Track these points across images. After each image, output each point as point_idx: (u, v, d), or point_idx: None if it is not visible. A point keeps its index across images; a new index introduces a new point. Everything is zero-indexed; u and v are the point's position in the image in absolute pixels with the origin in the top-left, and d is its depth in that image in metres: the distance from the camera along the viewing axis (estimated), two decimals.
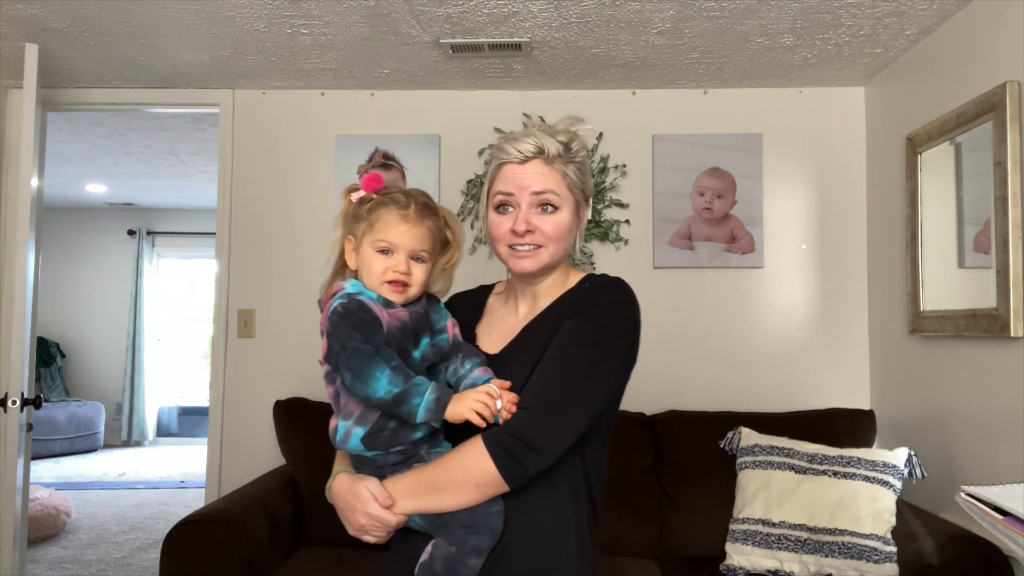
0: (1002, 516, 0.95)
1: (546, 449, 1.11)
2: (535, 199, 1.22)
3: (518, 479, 1.12)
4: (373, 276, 1.18)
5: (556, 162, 1.23)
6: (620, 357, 1.19)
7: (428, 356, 1.20)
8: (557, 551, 1.17)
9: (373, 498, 1.14)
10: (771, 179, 3.11)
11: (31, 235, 2.66)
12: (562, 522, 1.18)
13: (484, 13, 2.44)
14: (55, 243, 7.52)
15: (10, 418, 2.59)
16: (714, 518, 2.56)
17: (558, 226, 1.22)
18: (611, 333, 1.18)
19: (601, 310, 1.19)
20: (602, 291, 1.23)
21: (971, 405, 2.31)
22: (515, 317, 1.30)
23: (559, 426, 1.13)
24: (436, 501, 1.13)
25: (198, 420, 7.80)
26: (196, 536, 2.22)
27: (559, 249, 1.24)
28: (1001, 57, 2.16)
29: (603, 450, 1.26)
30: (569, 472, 1.19)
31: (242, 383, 3.19)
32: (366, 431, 1.15)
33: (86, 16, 2.52)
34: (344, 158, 3.20)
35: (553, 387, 1.14)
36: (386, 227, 1.18)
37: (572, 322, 1.19)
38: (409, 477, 1.15)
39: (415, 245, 1.19)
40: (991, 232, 2.14)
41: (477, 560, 1.13)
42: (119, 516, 4.88)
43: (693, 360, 3.09)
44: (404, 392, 1.09)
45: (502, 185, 1.24)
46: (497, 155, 1.26)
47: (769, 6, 2.37)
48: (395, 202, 1.19)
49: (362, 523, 1.16)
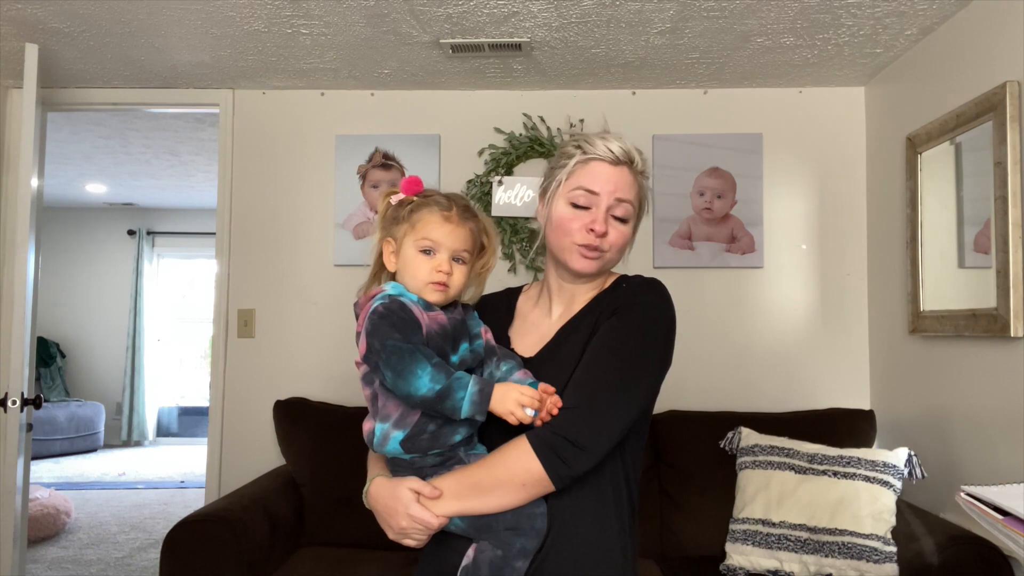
0: (1002, 516, 0.95)
1: (592, 448, 1.11)
2: (616, 205, 1.22)
3: (564, 479, 1.11)
4: (417, 276, 1.18)
5: (639, 175, 1.25)
6: (659, 356, 1.20)
7: (467, 361, 1.19)
8: (602, 551, 1.17)
9: (416, 498, 1.13)
10: (771, 179, 3.11)
11: (31, 235, 2.66)
12: (606, 522, 1.18)
13: (484, 13, 2.44)
14: (55, 243, 7.52)
15: (10, 418, 2.59)
16: (714, 518, 2.56)
17: (624, 236, 1.24)
18: (650, 333, 1.19)
19: (639, 310, 1.20)
20: (639, 292, 1.23)
21: (971, 405, 2.31)
22: (549, 319, 1.30)
23: (604, 425, 1.12)
24: (481, 502, 1.12)
25: (198, 420, 7.80)
26: (196, 536, 2.22)
27: (617, 258, 1.26)
28: (1001, 57, 2.16)
29: (640, 450, 1.26)
30: (611, 472, 1.19)
31: (242, 383, 3.19)
32: (405, 434, 1.14)
33: (86, 16, 2.52)
34: (344, 158, 3.20)
35: (596, 387, 1.13)
36: (429, 227, 1.18)
37: (611, 322, 1.19)
38: (451, 478, 1.14)
39: (457, 245, 1.19)
40: (991, 232, 2.14)
41: (523, 562, 1.13)
42: (119, 516, 4.88)
43: (693, 360, 3.09)
44: (447, 387, 1.08)
45: (587, 181, 1.22)
46: (586, 148, 1.24)
47: (769, 6, 2.37)
48: (437, 203, 1.19)
49: (403, 526, 1.14)
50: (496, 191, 3.10)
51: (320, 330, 3.14)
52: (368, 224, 3.18)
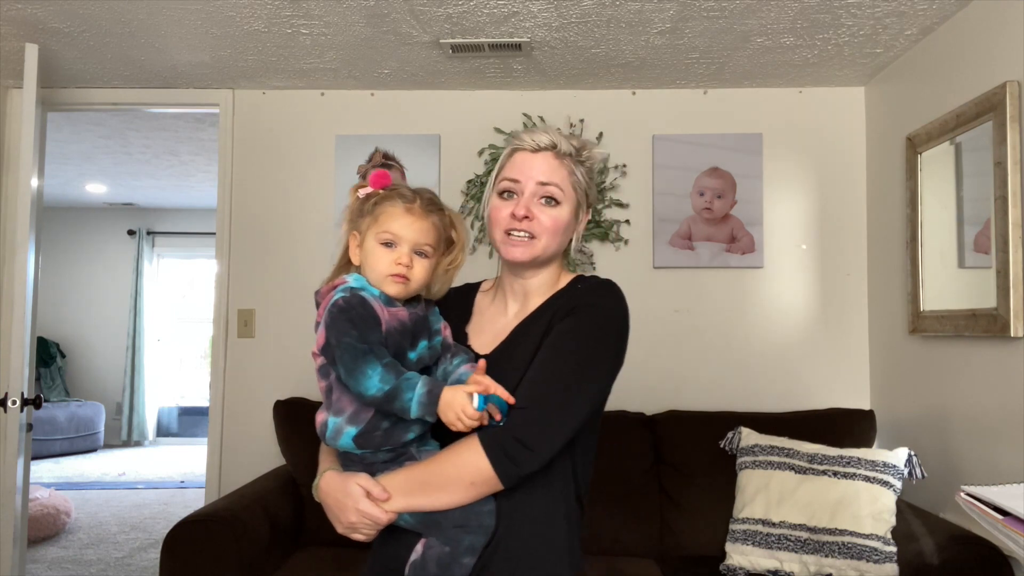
0: (1002, 516, 0.95)
1: (541, 448, 1.12)
2: (539, 189, 1.23)
3: (513, 478, 1.12)
4: (377, 268, 1.18)
5: (566, 159, 1.25)
6: (611, 359, 1.21)
7: (424, 359, 1.20)
8: (549, 548, 1.18)
9: (365, 494, 1.14)
10: (771, 179, 3.11)
11: (31, 235, 2.66)
12: (553, 519, 1.19)
13: (484, 13, 2.44)
14: (55, 243, 7.52)
15: (10, 418, 2.59)
16: (714, 518, 2.56)
17: (556, 220, 1.23)
18: (603, 335, 1.20)
19: (594, 312, 1.21)
20: (594, 293, 1.24)
21: (971, 405, 2.31)
22: (504, 316, 1.30)
23: (554, 426, 1.13)
24: (430, 499, 1.13)
25: (198, 420, 7.80)
26: (196, 536, 2.22)
27: (553, 243, 1.24)
28: (1001, 57, 2.16)
29: (590, 449, 1.28)
30: (560, 471, 1.20)
31: (242, 383, 3.19)
32: (359, 430, 1.15)
33: (86, 16, 2.52)
34: (344, 158, 3.20)
35: (548, 387, 1.14)
36: (390, 219, 1.18)
37: (565, 323, 1.19)
38: (402, 475, 1.15)
39: (419, 238, 1.19)
40: (991, 232, 2.14)
41: (471, 559, 1.14)
42: (119, 516, 4.88)
43: (693, 360, 3.09)
44: (395, 388, 1.09)
45: (510, 171, 1.26)
46: (512, 143, 1.28)
47: (769, 6, 2.37)
48: (401, 196, 1.20)
49: (352, 520, 1.16)
50: None
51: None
52: None
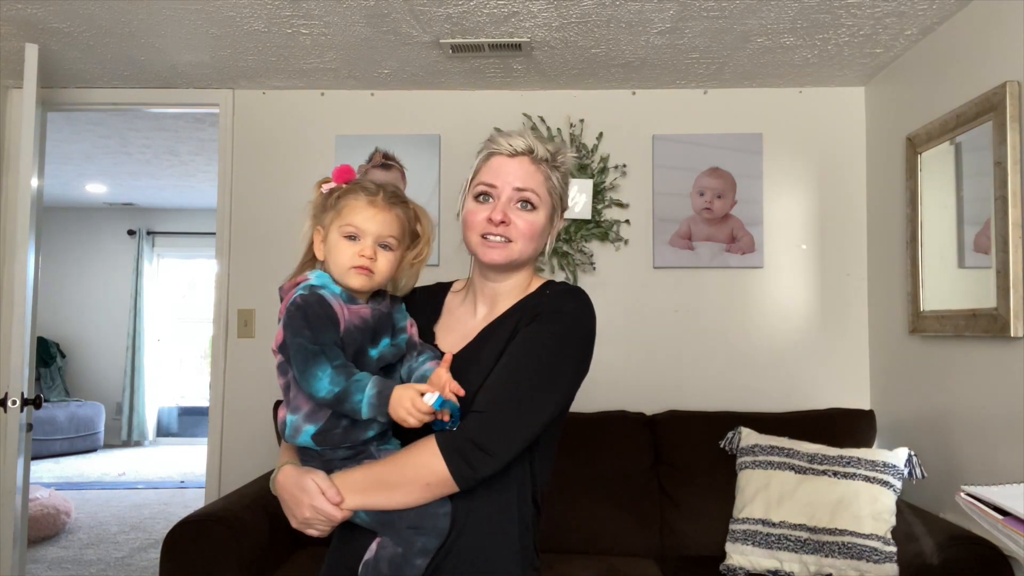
0: (1002, 516, 0.95)
1: (498, 453, 1.12)
2: (516, 194, 1.24)
3: (468, 481, 1.12)
4: (339, 262, 1.18)
5: (543, 164, 1.26)
6: (574, 366, 1.21)
7: (386, 356, 1.20)
8: (501, 551, 1.19)
9: (320, 492, 1.14)
10: (771, 179, 3.11)
11: (31, 235, 2.66)
12: (507, 524, 1.20)
13: (484, 13, 2.44)
14: (55, 243, 7.52)
15: (10, 418, 2.59)
16: (714, 518, 2.56)
17: (532, 225, 1.24)
18: (567, 342, 1.20)
19: (559, 319, 1.21)
20: (561, 300, 1.24)
21: (971, 405, 2.31)
22: (473, 318, 1.31)
23: (512, 431, 1.14)
24: (385, 498, 1.14)
25: (198, 420, 7.80)
26: (196, 536, 2.22)
27: (528, 248, 1.25)
28: (1001, 57, 2.16)
29: (550, 454, 1.28)
30: (517, 475, 1.21)
31: (242, 383, 3.19)
32: (317, 428, 1.15)
33: (86, 16, 2.52)
34: (344, 158, 3.19)
35: (508, 392, 1.15)
36: (353, 212, 1.18)
37: (530, 329, 1.20)
38: (359, 473, 1.15)
39: (382, 231, 1.19)
40: (991, 232, 2.14)
41: (423, 560, 1.14)
42: (119, 516, 4.88)
43: (693, 360, 3.09)
44: (345, 390, 1.09)
45: (486, 175, 1.26)
46: (487, 146, 1.29)
47: (769, 6, 2.37)
48: (364, 189, 1.20)
49: (307, 516, 1.15)
50: None
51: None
52: None
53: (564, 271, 3.09)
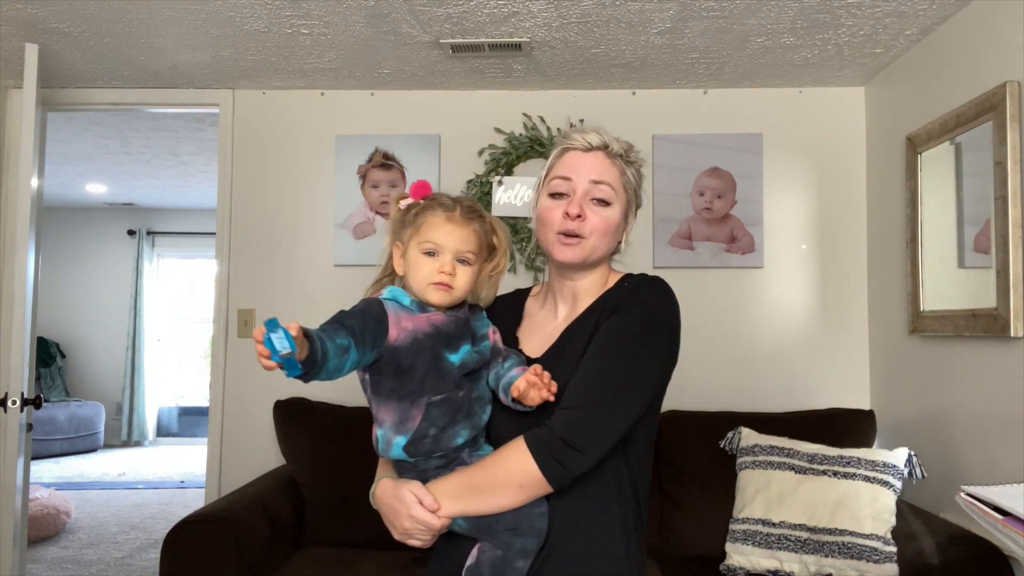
0: (1002, 516, 0.95)
1: (588, 449, 1.11)
2: (592, 188, 1.22)
3: (561, 480, 1.11)
4: (419, 277, 1.18)
5: (618, 159, 1.25)
6: (660, 356, 1.19)
7: (468, 363, 1.18)
8: (603, 551, 1.16)
9: (417, 501, 1.13)
10: (771, 179, 3.11)
11: (31, 235, 2.66)
12: (607, 523, 1.17)
13: (484, 13, 2.44)
14: (55, 243, 7.52)
15: (10, 418, 2.59)
16: (714, 518, 2.55)
17: (607, 221, 1.22)
18: (651, 331, 1.18)
19: (640, 308, 1.19)
20: (640, 289, 1.22)
21: (971, 405, 2.31)
22: (554, 319, 1.29)
23: (601, 426, 1.12)
24: (479, 503, 1.13)
25: (198, 420, 7.80)
26: (196, 536, 2.22)
27: (602, 245, 1.23)
28: (1001, 57, 2.16)
29: (646, 451, 1.25)
30: (613, 473, 1.18)
31: (242, 383, 3.19)
32: (408, 439, 1.14)
33: (86, 16, 2.52)
34: (344, 158, 3.20)
35: (594, 387, 1.13)
36: (431, 228, 1.18)
37: (611, 321, 1.18)
38: (452, 480, 1.15)
39: (460, 246, 1.18)
40: (991, 232, 2.14)
41: (524, 562, 1.13)
42: (119, 516, 4.88)
43: (693, 360, 3.07)
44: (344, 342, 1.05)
45: (562, 169, 1.24)
46: (561, 142, 1.27)
47: (769, 6, 2.37)
48: (441, 205, 1.19)
49: (407, 527, 1.15)
50: (496, 191, 3.10)
51: None
52: (368, 224, 3.18)
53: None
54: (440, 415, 1.14)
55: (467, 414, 1.17)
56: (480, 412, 1.19)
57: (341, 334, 1.05)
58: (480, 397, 1.19)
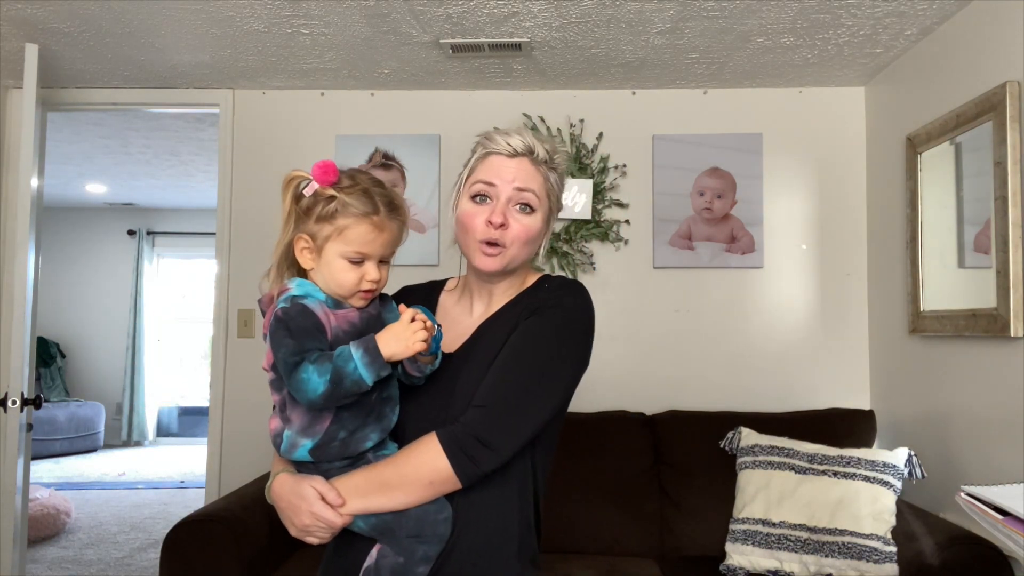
0: (1002, 516, 0.95)
1: (501, 447, 1.11)
2: (516, 195, 1.20)
3: (472, 477, 1.11)
4: (344, 285, 1.12)
5: (542, 165, 1.23)
6: (575, 360, 1.19)
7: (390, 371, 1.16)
8: (502, 550, 1.17)
9: (319, 497, 1.11)
10: (771, 179, 3.11)
11: (31, 235, 2.66)
12: (508, 521, 1.18)
13: (484, 13, 2.44)
14: (55, 243, 7.52)
15: (10, 418, 2.59)
16: (714, 518, 2.56)
17: (529, 229, 1.21)
18: (567, 335, 1.18)
19: (559, 312, 1.19)
20: (560, 293, 1.22)
21: (971, 405, 2.31)
22: (469, 316, 1.28)
23: (514, 425, 1.12)
24: (387, 499, 1.11)
25: (198, 420, 7.80)
26: (196, 536, 2.22)
27: (523, 253, 1.22)
28: (1001, 57, 2.16)
29: (550, 450, 1.26)
30: (517, 471, 1.19)
31: (242, 383, 3.19)
32: (315, 443, 1.12)
33: (86, 16, 2.52)
34: (344, 158, 3.19)
35: (509, 386, 1.13)
36: (358, 238, 1.10)
37: (530, 322, 1.18)
38: (359, 476, 1.13)
39: (386, 251, 1.14)
40: (991, 232, 2.14)
41: (425, 568, 1.12)
42: (119, 516, 4.88)
43: (693, 360, 3.09)
44: (336, 372, 1.04)
45: (485, 174, 1.22)
46: (485, 144, 1.25)
47: (769, 6, 2.37)
48: (363, 207, 1.10)
49: (306, 523, 1.13)
50: None
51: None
52: None
53: (564, 271, 3.09)
54: (350, 419, 1.12)
55: (377, 416, 1.14)
56: (390, 414, 1.17)
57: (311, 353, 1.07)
58: (390, 398, 1.17)
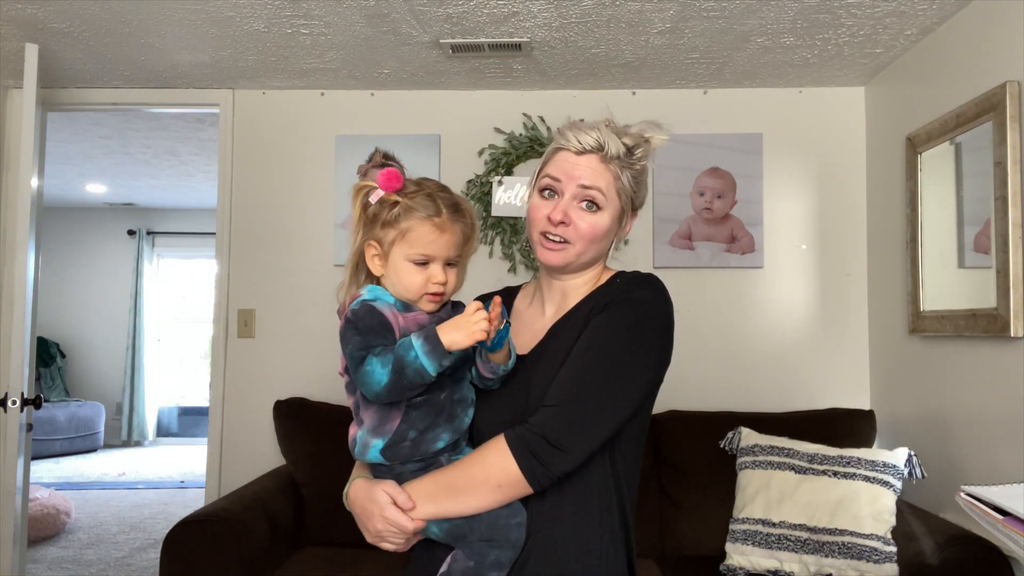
0: (1002, 516, 0.94)
1: (572, 449, 1.06)
2: (580, 192, 1.17)
3: (542, 480, 1.07)
4: (411, 288, 1.13)
5: (613, 163, 1.19)
6: (652, 354, 1.14)
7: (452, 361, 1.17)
8: (583, 562, 1.11)
9: (391, 501, 1.09)
10: (771, 179, 3.11)
11: (31, 235, 2.66)
12: (588, 531, 1.12)
13: (484, 13, 2.44)
14: (55, 243, 7.52)
15: (10, 418, 2.59)
16: (714, 518, 2.56)
17: (594, 227, 1.17)
18: (641, 329, 1.13)
19: (632, 305, 1.15)
20: (632, 286, 1.18)
21: (971, 405, 2.31)
22: (542, 317, 1.25)
23: (586, 425, 1.07)
24: (456, 504, 1.08)
25: (198, 420, 7.80)
26: (196, 536, 2.22)
27: (588, 251, 1.19)
28: (1001, 57, 2.16)
29: (636, 454, 1.20)
30: (598, 475, 1.13)
31: (242, 383, 3.19)
32: (385, 443, 1.11)
33: (86, 16, 2.52)
34: (344, 158, 3.20)
35: (580, 384, 1.09)
36: (423, 240, 1.12)
37: (601, 317, 1.14)
38: (428, 479, 1.10)
39: (450, 252, 1.14)
40: (991, 232, 2.14)
41: (497, 574, 1.10)
42: (119, 516, 4.88)
43: (693, 360, 3.09)
44: (397, 361, 1.04)
45: (552, 169, 1.20)
46: (557, 139, 1.22)
47: (769, 6, 2.37)
48: (426, 209, 1.12)
49: (379, 528, 1.11)
50: (496, 191, 3.10)
51: (320, 330, 3.14)
52: None
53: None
54: (420, 418, 1.11)
55: (448, 417, 1.13)
56: (462, 415, 1.15)
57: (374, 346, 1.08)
58: (463, 399, 1.16)
